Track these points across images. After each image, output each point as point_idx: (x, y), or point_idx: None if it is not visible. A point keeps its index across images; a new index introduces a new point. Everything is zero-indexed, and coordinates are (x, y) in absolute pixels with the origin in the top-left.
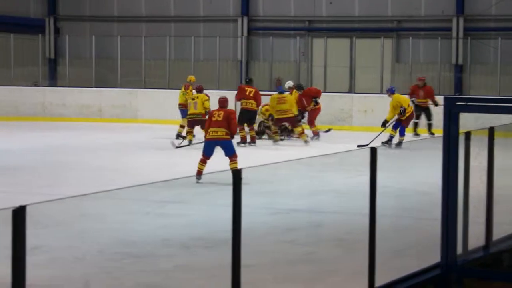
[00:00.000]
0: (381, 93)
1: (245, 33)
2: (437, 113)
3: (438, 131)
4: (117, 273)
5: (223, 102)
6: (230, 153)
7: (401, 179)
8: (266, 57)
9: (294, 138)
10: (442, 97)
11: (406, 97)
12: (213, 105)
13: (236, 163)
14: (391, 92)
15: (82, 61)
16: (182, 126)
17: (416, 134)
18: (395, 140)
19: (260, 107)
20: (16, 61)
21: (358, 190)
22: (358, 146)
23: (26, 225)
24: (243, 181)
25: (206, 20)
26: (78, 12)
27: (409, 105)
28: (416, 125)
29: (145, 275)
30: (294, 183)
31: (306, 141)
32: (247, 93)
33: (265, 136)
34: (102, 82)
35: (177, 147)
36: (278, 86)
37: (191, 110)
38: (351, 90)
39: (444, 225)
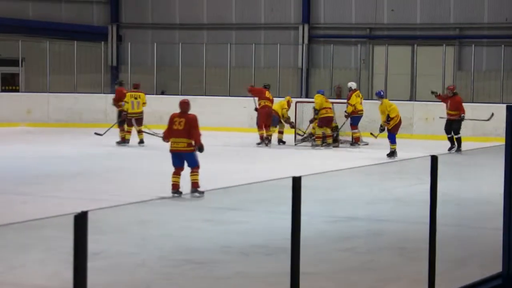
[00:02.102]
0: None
1: (306, 41)
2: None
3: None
4: (177, 279)
5: (185, 106)
6: (193, 165)
7: (462, 187)
8: (326, 65)
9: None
10: (504, 105)
11: (395, 105)
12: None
13: (197, 174)
14: (379, 95)
15: (144, 68)
16: (281, 132)
17: (450, 149)
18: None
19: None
20: (80, 68)
21: (418, 199)
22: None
23: (87, 231)
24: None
25: (267, 28)
26: (140, 20)
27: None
28: (450, 140)
29: (205, 281)
30: (353, 191)
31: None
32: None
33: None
34: (164, 89)
35: (95, 133)
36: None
37: (131, 110)
38: (412, 98)
39: (505, 234)
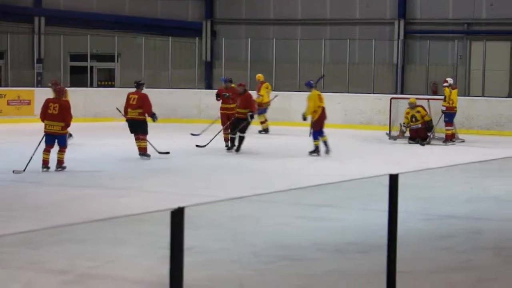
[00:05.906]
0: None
1: (402, 36)
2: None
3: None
4: (270, 276)
5: (60, 92)
6: (62, 145)
7: None
8: (422, 61)
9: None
10: None
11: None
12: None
13: (64, 153)
14: (308, 85)
15: (237, 63)
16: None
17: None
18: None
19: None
20: (174, 63)
21: None
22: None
23: (184, 226)
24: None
25: (362, 23)
26: (234, 16)
27: (319, 107)
28: (232, 140)
29: (298, 278)
30: (451, 189)
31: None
32: None
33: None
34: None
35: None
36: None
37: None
38: (511, 94)
39: None
